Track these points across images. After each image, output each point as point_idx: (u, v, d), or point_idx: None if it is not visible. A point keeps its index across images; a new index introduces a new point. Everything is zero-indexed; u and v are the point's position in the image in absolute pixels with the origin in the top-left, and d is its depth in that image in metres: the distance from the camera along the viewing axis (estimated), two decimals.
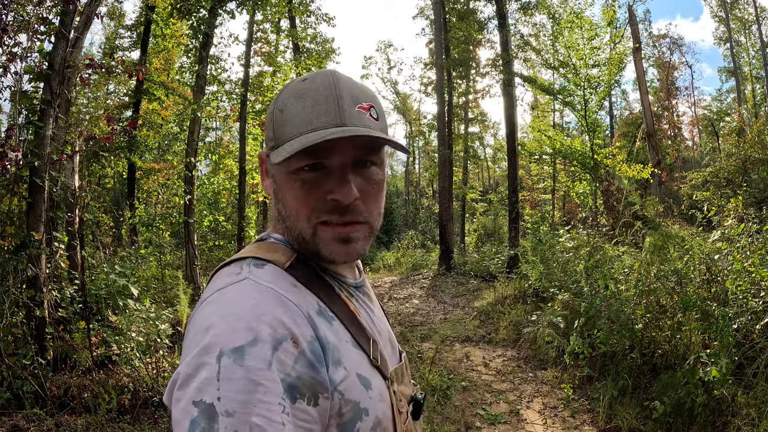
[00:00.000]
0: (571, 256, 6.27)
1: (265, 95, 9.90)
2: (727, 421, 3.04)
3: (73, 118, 4.69)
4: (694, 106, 29.96)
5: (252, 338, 0.53)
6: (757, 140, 13.79)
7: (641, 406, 3.59)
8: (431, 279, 11.23)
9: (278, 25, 12.00)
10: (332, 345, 0.61)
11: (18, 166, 3.58)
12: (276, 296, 0.60)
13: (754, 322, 3.46)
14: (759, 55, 24.01)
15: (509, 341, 5.98)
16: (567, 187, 14.66)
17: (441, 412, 3.97)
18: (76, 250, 4.15)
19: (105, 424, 3.17)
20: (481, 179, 35.44)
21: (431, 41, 21.15)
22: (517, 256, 8.89)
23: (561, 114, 25.70)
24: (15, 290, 3.48)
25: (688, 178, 16.61)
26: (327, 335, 0.61)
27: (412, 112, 31.17)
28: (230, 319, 0.56)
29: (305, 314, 0.60)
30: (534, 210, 20.90)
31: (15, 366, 3.22)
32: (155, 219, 8.31)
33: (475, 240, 19.10)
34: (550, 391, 4.44)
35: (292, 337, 0.56)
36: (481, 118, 23.00)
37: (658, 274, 4.16)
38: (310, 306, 0.63)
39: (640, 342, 4.00)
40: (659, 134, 19.10)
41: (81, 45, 4.17)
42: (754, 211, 4.85)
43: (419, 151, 33.37)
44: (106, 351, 3.87)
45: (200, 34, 7.68)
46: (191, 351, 0.55)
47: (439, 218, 13.52)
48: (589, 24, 10.06)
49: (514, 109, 12.16)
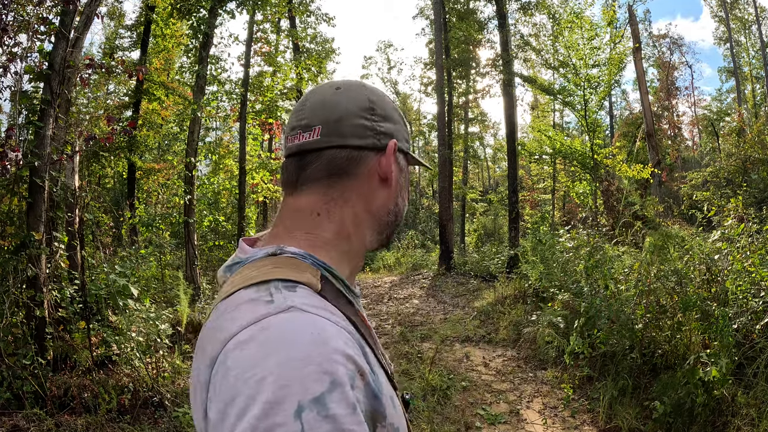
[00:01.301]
0: (571, 256, 6.26)
1: (265, 95, 9.90)
2: (727, 421, 3.04)
3: (73, 118, 4.69)
4: (694, 106, 29.97)
5: (330, 382, 0.46)
6: (757, 140, 13.80)
7: (641, 406, 3.59)
8: (431, 279, 11.23)
9: (278, 25, 12.01)
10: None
11: (18, 166, 3.58)
12: (332, 326, 0.52)
13: (754, 322, 3.46)
14: (759, 55, 24.01)
15: (509, 341, 5.98)
16: (567, 187, 14.66)
17: (441, 412, 3.98)
18: (76, 250, 4.14)
19: (105, 424, 3.17)
20: (481, 179, 35.44)
21: (431, 41, 21.15)
22: (517, 256, 8.89)
23: (561, 114, 25.72)
24: (15, 290, 3.48)
25: (688, 178, 16.62)
26: (370, 360, 0.56)
27: (412, 112, 31.17)
28: (296, 363, 0.46)
29: (357, 342, 0.54)
30: (534, 210, 20.90)
31: (15, 366, 3.22)
32: (155, 219, 8.31)
33: (475, 240, 19.10)
34: (550, 391, 4.44)
35: (359, 370, 0.50)
36: (481, 118, 23.00)
37: (658, 274, 4.16)
38: (351, 330, 0.56)
39: (640, 342, 4.01)
40: (659, 134, 19.10)
41: (81, 45, 4.17)
42: (754, 211, 4.85)
43: (419, 151, 33.35)
44: (106, 351, 3.86)
45: (200, 34, 7.69)
46: (248, 411, 0.44)
47: (439, 218, 13.52)
48: (589, 24, 10.07)
49: (514, 109, 12.16)
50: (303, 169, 0.67)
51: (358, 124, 0.66)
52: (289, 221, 0.67)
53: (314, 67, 10.38)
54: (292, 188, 0.68)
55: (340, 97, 0.67)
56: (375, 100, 0.69)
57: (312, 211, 0.66)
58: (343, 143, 0.65)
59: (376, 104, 0.69)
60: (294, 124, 0.68)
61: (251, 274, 0.59)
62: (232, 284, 0.60)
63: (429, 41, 22.09)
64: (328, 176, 0.66)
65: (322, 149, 0.66)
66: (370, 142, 0.67)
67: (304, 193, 0.66)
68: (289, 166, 0.69)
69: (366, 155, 0.67)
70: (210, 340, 0.55)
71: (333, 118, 0.66)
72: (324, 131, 0.65)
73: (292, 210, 0.67)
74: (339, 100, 0.67)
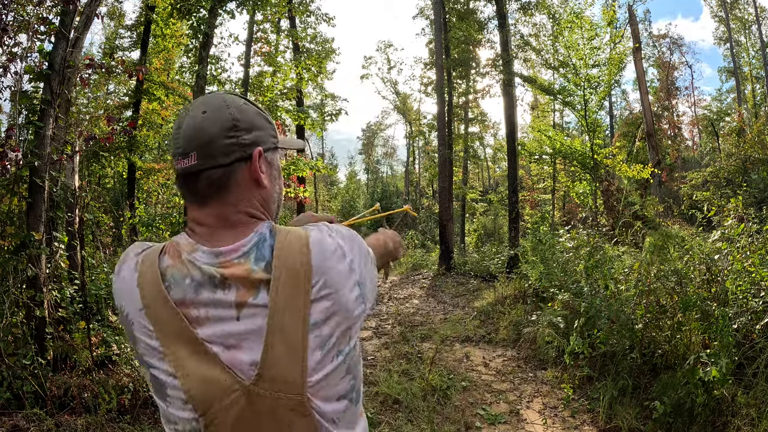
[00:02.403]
0: (571, 256, 6.26)
1: (265, 95, 9.90)
2: (727, 421, 3.04)
3: (73, 118, 4.69)
4: (694, 106, 29.97)
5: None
6: (757, 140, 13.81)
7: (641, 406, 3.59)
8: (431, 279, 11.23)
9: (278, 25, 12.01)
10: None
11: (18, 166, 3.58)
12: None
13: (754, 322, 3.45)
14: (759, 55, 24.01)
15: (509, 341, 5.98)
16: (567, 187, 14.65)
17: (441, 412, 3.97)
18: (76, 250, 4.14)
19: (105, 424, 3.17)
20: (481, 179, 35.45)
21: (431, 41, 21.15)
22: (517, 256, 8.89)
23: (561, 114, 25.71)
24: (15, 290, 3.48)
25: (688, 178, 16.62)
26: None
27: (412, 112, 31.16)
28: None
29: None
30: (534, 210, 20.89)
31: (15, 366, 3.21)
32: (155, 219, 8.30)
33: (475, 240, 19.10)
34: (550, 391, 4.44)
35: None
36: (481, 118, 22.98)
37: (658, 274, 4.16)
38: None
39: (640, 342, 4.00)
40: (659, 134, 19.10)
41: (81, 45, 4.16)
42: (754, 211, 4.85)
43: (419, 151, 33.36)
44: (106, 351, 3.86)
45: (200, 34, 7.68)
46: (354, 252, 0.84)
47: (439, 218, 13.51)
48: (589, 24, 10.06)
49: (514, 109, 12.16)
50: (195, 187, 0.82)
51: (223, 144, 0.80)
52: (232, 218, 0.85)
53: (314, 67, 10.38)
54: (191, 202, 0.84)
55: (206, 122, 0.80)
56: (238, 117, 0.82)
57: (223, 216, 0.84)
58: (215, 163, 0.80)
59: (239, 120, 0.82)
60: (174, 151, 0.83)
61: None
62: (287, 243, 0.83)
63: (429, 41, 22.10)
64: (217, 191, 0.81)
65: (201, 171, 0.80)
66: (236, 156, 0.81)
67: (210, 206, 0.82)
68: (182, 186, 0.84)
69: (237, 167, 0.82)
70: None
71: (203, 143, 0.79)
72: (199, 155, 0.79)
73: (216, 216, 0.83)
74: (205, 126, 0.80)
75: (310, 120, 10.45)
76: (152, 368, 0.79)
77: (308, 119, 10.31)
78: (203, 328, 0.76)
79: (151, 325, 0.78)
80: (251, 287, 0.76)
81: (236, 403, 0.74)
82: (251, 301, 0.76)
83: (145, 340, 0.79)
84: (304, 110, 10.91)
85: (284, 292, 0.75)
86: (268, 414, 0.75)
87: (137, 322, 0.79)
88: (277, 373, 0.74)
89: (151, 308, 0.78)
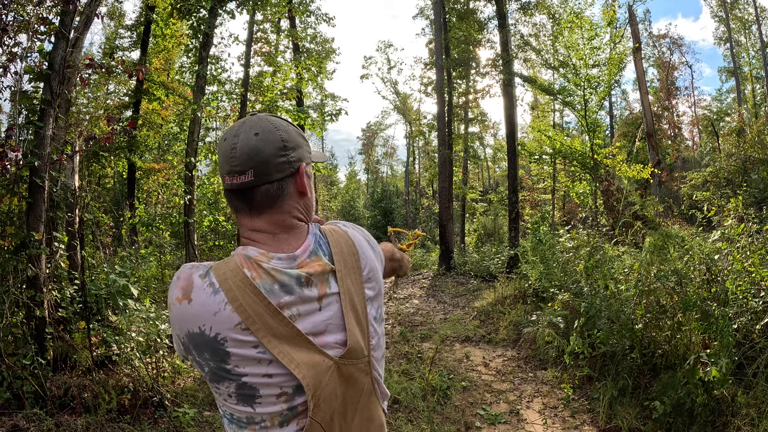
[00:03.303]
0: (571, 256, 6.26)
1: (265, 95, 9.89)
2: (727, 421, 3.04)
3: (73, 118, 4.69)
4: (694, 106, 29.98)
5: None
6: (757, 140, 13.81)
7: (641, 406, 3.59)
8: (431, 279, 11.23)
9: (278, 25, 12.01)
10: None
11: (18, 166, 3.58)
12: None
13: (754, 322, 3.45)
14: (759, 55, 24.01)
15: (509, 341, 5.98)
16: (567, 187, 14.65)
17: (441, 412, 3.97)
18: (76, 250, 4.14)
19: (105, 424, 3.17)
20: (481, 179, 35.46)
21: (431, 41, 21.16)
22: (517, 256, 8.89)
23: (561, 114, 25.71)
24: (15, 290, 3.48)
25: (688, 178, 16.61)
26: None
27: (412, 112, 31.17)
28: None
29: None
30: (534, 210, 20.90)
31: (15, 366, 3.21)
32: (155, 219, 8.31)
33: (475, 240, 19.10)
34: (550, 391, 4.44)
35: None
36: (481, 118, 22.98)
37: (658, 274, 4.15)
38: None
39: (640, 342, 4.00)
40: (659, 134, 19.10)
41: (81, 45, 4.17)
42: (754, 211, 4.85)
43: (419, 151, 33.37)
44: (106, 351, 3.86)
45: (200, 34, 7.68)
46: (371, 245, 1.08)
47: (439, 218, 13.51)
48: (589, 24, 10.06)
49: (514, 109, 12.16)
50: (251, 199, 0.94)
51: (277, 163, 0.93)
52: (281, 229, 0.98)
53: (314, 67, 10.38)
54: (246, 212, 0.96)
55: (261, 143, 0.92)
56: (286, 138, 0.95)
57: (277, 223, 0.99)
58: (270, 179, 0.93)
59: (287, 141, 0.95)
60: (229, 168, 0.93)
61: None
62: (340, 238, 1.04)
63: (429, 41, 22.11)
64: (272, 202, 0.94)
65: (258, 186, 0.92)
66: (288, 172, 0.95)
67: (266, 214, 0.95)
68: (233, 198, 0.96)
69: (287, 181, 0.96)
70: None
71: (260, 162, 0.92)
72: (255, 173, 0.91)
73: (274, 224, 0.98)
74: (260, 147, 0.92)
75: (310, 120, 10.44)
76: (245, 376, 0.88)
77: (308, 119, 10.31)
78: (298, 324, 0.90)
79: (256, 335, 0.86)
80: (325, 280, 0.94)
81: (332, 378, 0.91)
82: (328, 292, 0.93)
83: (239, 353, 0.86)
84: (304, 110, 10.90)
85: (348, 279, 0.96)
86: (348, 379, 0.93)
87: (231, 338, 0.86)
88: (354, 344, 0.93)
89: (256, 320, 0.86)
